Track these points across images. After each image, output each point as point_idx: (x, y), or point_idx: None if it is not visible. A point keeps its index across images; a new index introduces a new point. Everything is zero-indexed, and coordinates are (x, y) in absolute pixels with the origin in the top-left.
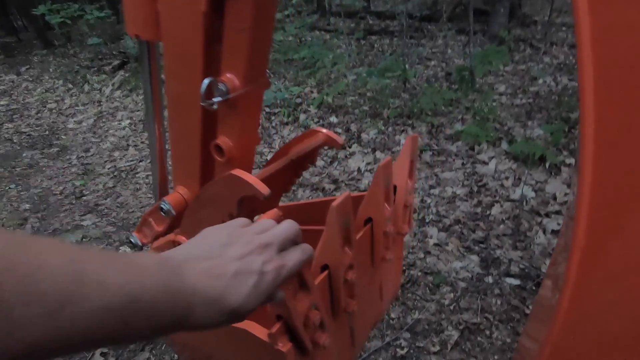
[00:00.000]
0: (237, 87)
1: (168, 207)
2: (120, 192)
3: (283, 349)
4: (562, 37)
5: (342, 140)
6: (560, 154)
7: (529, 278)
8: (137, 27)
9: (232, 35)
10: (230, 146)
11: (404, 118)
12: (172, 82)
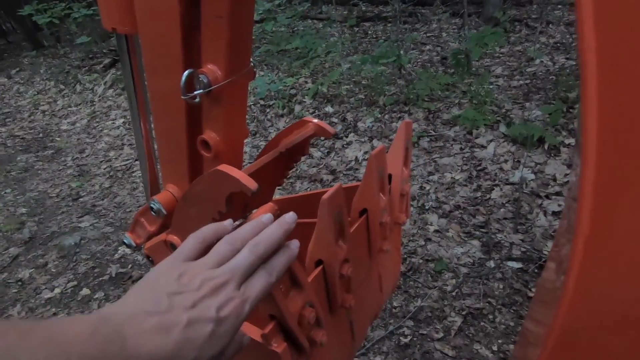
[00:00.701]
0: (220, 79)
1: (158, 207)
2: (117, 192)
3: (278, 349)
4: (559, 15)
5: (333, 130)
6: (560, 134)
7: (531, 261)
8: (113, 20)
9: (210, 23)
10: (217, 141)
11: (400, 105)
12: (152, 76)
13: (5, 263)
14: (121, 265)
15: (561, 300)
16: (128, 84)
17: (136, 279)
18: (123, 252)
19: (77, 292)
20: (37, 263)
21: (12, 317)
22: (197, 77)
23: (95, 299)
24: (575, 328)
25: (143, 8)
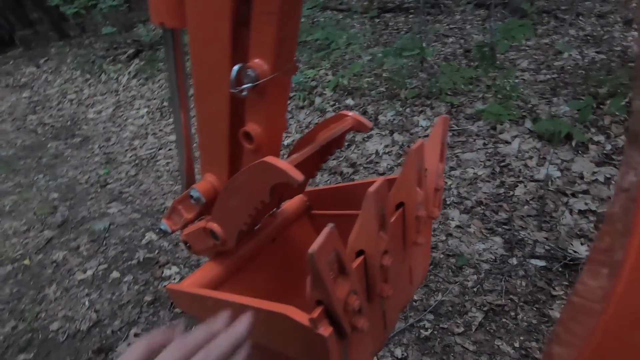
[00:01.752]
0: (266, 73)
1: (198, 195)
2: (142, 180)
3: (324, 333)
4: (589, 6)
5: (370, 124)
6: (588, 131)
7: (555, 259)
8: (161, 14)
9: (260, 18)
10: (259, 133)
11: (422, 98)
12: (198, 69)
13: (41, 245)
14: (148, 250)
15: (608, 302)
16: (171, 77)
17: (163, 264)
18: (150, 238)
19: (107, 275)
20: (69, 246)
21: (48, 295)
22: (245, 72)
23: (125, 281)
24: (620, 331)
25: (194, 4)
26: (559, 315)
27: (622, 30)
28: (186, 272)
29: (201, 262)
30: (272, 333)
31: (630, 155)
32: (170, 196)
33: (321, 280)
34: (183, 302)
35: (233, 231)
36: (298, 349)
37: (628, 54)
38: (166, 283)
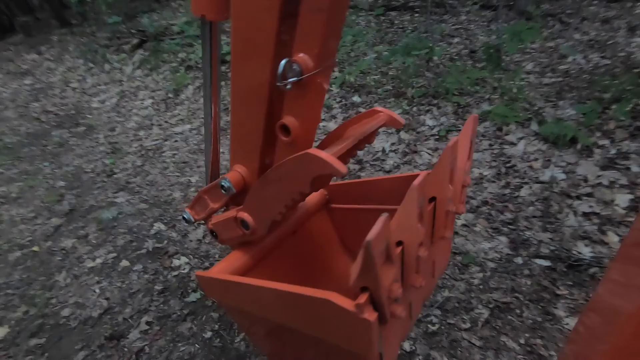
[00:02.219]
0: (310, 68)
1: (229, 185)
2: (148, 171)
3: (370, 318)
4: (594, 11)
5: (403, 121)
6: (593, 135)
7: (559, 260)
8: (202, 7)
9: (309, 15)
10: (297, 126)
11: (429, 98)
12: (240, 62)
13: (49, 232)
14: (157, 240)
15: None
16: (205, 68)
17: (172, 254)
18: (159, 228)
19: (117, 264)
20: (78, 234)
21: (58, 282)
22: (291, 66)
23: (135, 270)
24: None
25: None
26: (563, 314)
27: (626, 35)
28: (195, 263)
29: (210, 252)
30: (310, 319)
31: None
32: (177, 187)
33: (374, 268)
34: (211, 288)
35: (266, 221)
36: (337, 334)
37: (632, 60)
38: (175, 273)
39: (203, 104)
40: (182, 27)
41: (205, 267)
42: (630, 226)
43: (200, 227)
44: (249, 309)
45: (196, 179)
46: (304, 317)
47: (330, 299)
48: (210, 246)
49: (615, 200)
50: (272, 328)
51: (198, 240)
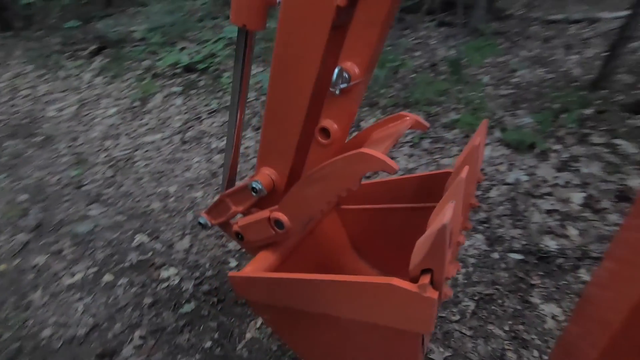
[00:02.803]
0: (357, 76)
1: (260, 187)
2: (121, 182)
3: (433, 296)
4: (536, 31)
5: (428, 124)
6: (548, 141)
7: (530, 253)
8: (244, 17)
9: (361, 27)
10: (336, 129)
11: (401, 107)
12: (283, 68)
13: (16, 249)
14: (141, 252)
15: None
16: (236, 76)
17: (159, 265)
18: (141, 240)
19: (99, 279)
20: (50, 250)
21: (34, 301)
22: (342, 73)
23: (120, 284)
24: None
25: (295, 10)
26: (538, 301)
27: (564, 53)
28: (185, 274)
29: (200, 262)
30: (367, 305)
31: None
32: (155, 198)
33: (443, 250)
34: (247, 287)
35: (304, 219)
36: (394, 316)
37: (570, 75)
38: (165, 285)
39: (229, 112)
40: (144, 34)
41: (196, 277)
42: (585, 221)
43: (185, 238)
44: (291, 304)
45: (174, 189)
46: (360, 305)
47: (393, 283)
48: (199, 256)
49: (571, 198)
50: (313, 321)
51: (185, 251)
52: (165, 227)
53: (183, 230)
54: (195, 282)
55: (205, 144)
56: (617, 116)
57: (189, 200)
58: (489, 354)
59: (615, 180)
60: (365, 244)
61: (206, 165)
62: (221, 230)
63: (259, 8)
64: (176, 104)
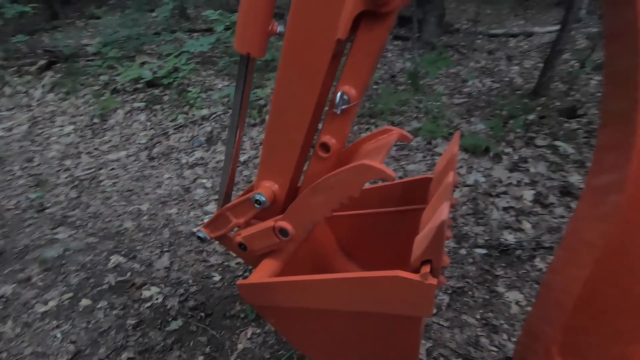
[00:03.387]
0: (355, 98)
1: (264, 199)
2: (88, 202)
3: (433, 282)
4: (481, 44)
5: (412, 137)
6: (500, 145)
7: (492, 247)
8: (248, 45)
9: (358, 57)
10: (335, 144)
11: (367, 117)
12: (286, 91)
13: None
14: (118, 273)
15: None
16: (237, 100)
17: (140, 285)
18: (117, 260)
19: (76, 304)
20: (17, 278)
21: (6, 333)
22: (343, 96)
23: (99, 308)
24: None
25: (299, 41)
26: (503, 290)
27: (506, 64)
28: (168, 291)
29: (182, 279)
30: (374, 297)
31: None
32: (127, 217)
33: (441, 243)
34: (256, 293)
35: (309, 226)
36: (399, 305)
37: (514, 84)
38: (148, 304)
39: (228, 132)
40: (99, 48)
41: (180, 294)
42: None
43: (164, 255)
44: (301, 304)
45: (147, 206)
46: (367, 297)
47: (399, 275)
48: (180, 272)
49: (524, 196)
50: (320, 318)
51: (165, 268)
52: (142, 246)
53: (161, 248)
54: (180, 299)
55: (175, 159)
56: (555, 121)
57: (163, 217)
58: (465, 342)
59: (559, 177)
60: (354, 247)
61: (178, 181)
62: (220, 243)
63: (261, 37)
64: (140, 119)
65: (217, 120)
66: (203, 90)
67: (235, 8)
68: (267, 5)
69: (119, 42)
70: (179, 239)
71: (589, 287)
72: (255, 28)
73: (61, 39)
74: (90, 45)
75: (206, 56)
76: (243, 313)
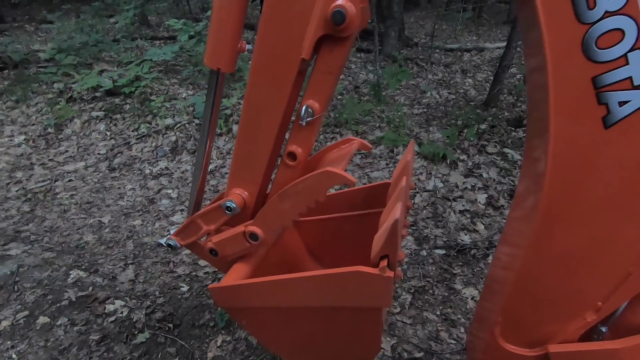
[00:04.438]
0: (319, 111)
1: (234, 206)
2: (43, 216)
3: (391, 274)
4: (438, 58)
5: (371, 146)
6: (455, 152)
7: (451, 248)
8: (218, 61)
9: (321, 74)
10: (301, 152)
11: (332, 127)
12: (254, 106)
13: None
14: (79, 288)
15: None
16: (207, 113)
17: (103, 299)
18: (77, 275)
19: (32, 322)
20: None
21: None
22: (307, 109)
23: (59, 325)
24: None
25: (266, 59)
26: (461, 287)
27: (461, 77)
28: (134, 304)
29: (149, 291)
30: (338, 292)
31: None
32: (87, 230)
33: (396, 239)
34: (228, 296)
35: (278, 230)
36: (362, 297)
37: (469, 95)
38: (112, 318)
39: (199, 142)
40: (52, 55)
41: (146, 306)
42: (489, 217)
43: (129, 268)
44: (271, 303)
45: (108, 218)
46: (332, 292)
47: (360, 270)
48: (147, 284)
49: (478, 199)
50: (289, 316)
51: (130, 281)
52: (104, 260)
53: (125, 261)
54: (147, 311)
55: (138, 169)
56: (504, 130)
57: (126, 229)
58: (426, 337)
59: (508, 182)
60: (322, 251)
61: (141, 192)
62: (190, 251)
63: (231, 54)
64: (99, 129)
65: (182, 130)
66: (167, 99)
67: (199, 16)
68: (236, 24)
69: (74, 49)
70: (144, 250)
71: (521, 276)
72: (225, 45)
73: (9, 44)
74: (43, 52)
75: (170, 65)
76: (213, 322)
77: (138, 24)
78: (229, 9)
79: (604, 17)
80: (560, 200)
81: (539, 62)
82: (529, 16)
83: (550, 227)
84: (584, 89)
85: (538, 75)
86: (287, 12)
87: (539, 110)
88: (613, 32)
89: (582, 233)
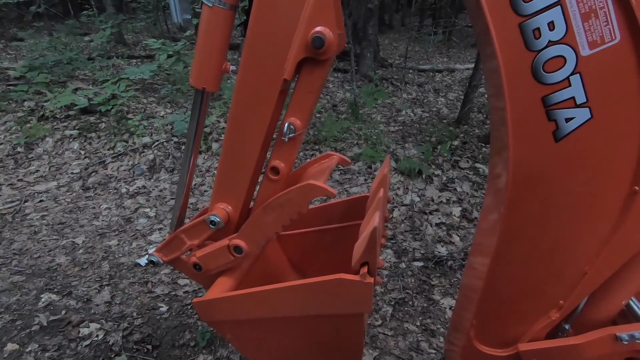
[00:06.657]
0: (300, 128)
1: (219, 220)
2: (12, 238)
3: (371, 280)
4: (412, 78)
5: (350, 161)
6: (431, 167)
7: (428, 260)
8: (203, 81)
9: (302, 94)
10: (283, 167)
11: (312, 144)
12: (238, 123)
13: None
14: (51, 312)
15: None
16: (191, 131)
17: (77, 323)
18: (49, 299)
19: (0, 350)
20: None
21: None
22: (289, 126)
23: (29, 351)
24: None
25: (250, 79)
26: (439, 297)
27: (434, 96)
28: (110, 327)
29: (126, 312)
30: (321, 300)
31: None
32: (60, 252)
33: (375, 246)
34: (212, 310)
35: (262, 242)
36: (344, 304)
37: (441, 114)
38: (87, 342)
39: (182, 160)
40: (23, 72)
41: (124, 328)
42: (464, 229)
43: (104, 289)
44: (255, 315)
45: (82, 239)
46: (315, 301)
47: (341, 277)
48: (123, 306)
49: (453, 212)
50: (273, 327)
51: (106, 303)
52: (78, 282)
53: (100, 282)
54: (124, 333)
55: (114, 189)
56: (475, 146)
57: (102, 249)
58: (407, 347)
59: (480, 195)
60: (303, 262)
61: (117, 212)
62: (173, 267)
63: (216, 74)
64: (73, 148)
65: (160, 148)
66: (145, 117)
67: (176, 36)
68: (221, 46)
69: (47, 67)
70: (120, 271)
71: (489, 282)
72: (210, 66)
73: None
74: (13, 69)
75: (147, 83)
76: (193, 341)
77: (114, 42)
78: (214, 33)
79: (548, 45)
80: (520, 211)
81: (496, 87)
82: (487, 49)
83: (513, 236)
84: (535, 108)
85: (496, 99)
86: (270, 38)
87: (499, 130)
88: (556, 58)
89: (540, 239)
